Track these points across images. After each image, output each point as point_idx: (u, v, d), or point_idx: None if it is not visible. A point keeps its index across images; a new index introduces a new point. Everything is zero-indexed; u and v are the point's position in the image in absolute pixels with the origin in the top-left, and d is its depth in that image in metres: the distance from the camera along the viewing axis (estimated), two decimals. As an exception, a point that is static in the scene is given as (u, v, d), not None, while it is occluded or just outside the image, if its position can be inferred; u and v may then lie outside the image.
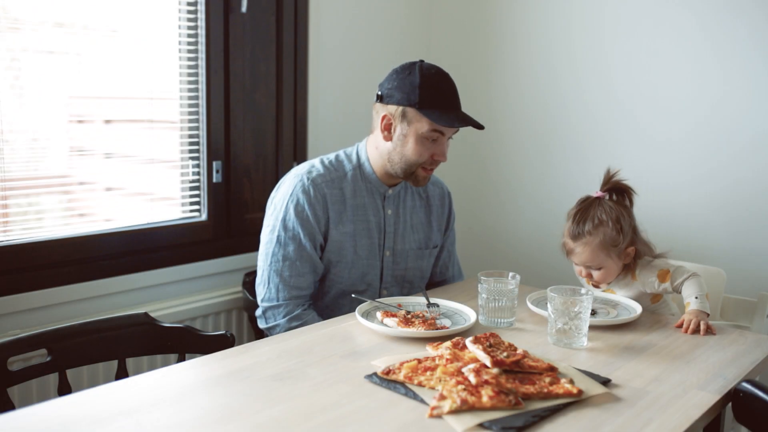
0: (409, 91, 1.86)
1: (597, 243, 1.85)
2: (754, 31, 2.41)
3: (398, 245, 2.06)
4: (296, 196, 1.94)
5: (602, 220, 1.85)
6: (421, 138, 1.88)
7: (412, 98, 1.86)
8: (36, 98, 2.06)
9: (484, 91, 3.05)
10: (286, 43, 2.59)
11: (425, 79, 1.86)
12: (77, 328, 1.61)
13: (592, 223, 1.86)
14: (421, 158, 1.91)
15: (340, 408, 1.24)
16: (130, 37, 2.23)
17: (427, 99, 1.86)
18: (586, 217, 1.87)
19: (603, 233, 1.84)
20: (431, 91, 1.86)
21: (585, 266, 1.90)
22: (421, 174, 1.95)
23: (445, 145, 1.93)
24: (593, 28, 2.76)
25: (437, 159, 1.93)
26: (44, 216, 2.12)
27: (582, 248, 1.87)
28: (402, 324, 1.64)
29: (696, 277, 1.84)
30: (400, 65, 1.93)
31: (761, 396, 1.35)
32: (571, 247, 1.90)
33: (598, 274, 1.89)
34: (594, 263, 1.87)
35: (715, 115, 2.52)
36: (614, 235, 1.84)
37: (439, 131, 1.88)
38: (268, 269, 1.94)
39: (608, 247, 1.85)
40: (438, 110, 1.87)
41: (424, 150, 1.90)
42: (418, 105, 1.86)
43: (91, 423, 1.16)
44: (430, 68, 1.90)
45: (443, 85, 1.89)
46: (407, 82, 1.87)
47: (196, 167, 2.44)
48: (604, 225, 1.85)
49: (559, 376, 1.36)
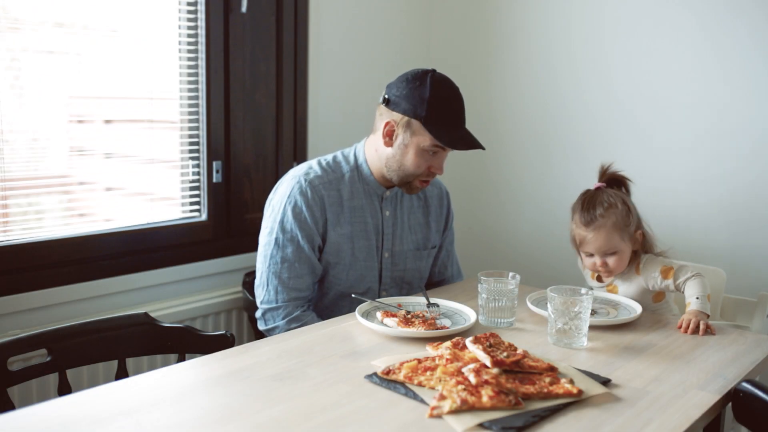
0: (417, 104, 1.85)
1: (611, 225, 1.86)
2: (755, 31, 2.41)
3: (396, 246, 2.06)
4: (294, 198, 1.94)
5: (611, 202, 1.89)
6: (422, 151, 1.88)
7: (419, 111, 1.85)
8: (36, 98, 2.06)
9: (484, 91, 3.05)
10: (286, 43, 2.59)
11: (435, 93, 1.84)
12: (77, 328, 1.61)
13: (602, 207, 1.88)
14: (419, 170, 1.91)
15: (340, 408, 1.24)
16: (130, 37, 2.23)
17: (434, 115, 1.85)
18: (595, 203, 1.90)
19: (614, 214, 1.87)
20: (439, 108, 1.85)
21: (600, 253, 1.90)
22: (416, 185, 1.96)
23: (443, 159, 1.93)
24: (593, 29, 2.76)
25: (434, 171, 1.93)
26: (44, 216, 2.12)
27: (596, 233, 1.88)
28: (402, 324, 1.64)
29: (699, 277, 1.84)
30: (412, 71, 1.90)
31: (761, 396, 1.35)
32: (584, 236, 1.90)
33: (613, 260, 1.90)
34: (609, 247, 1.88)
35: (715, 115, 2.52)
36: (625, 215, 1.87)
37: (439, 147, 1.88)
38: (266, 271, 1.94)
39: (621, 227, 1.87)
40: (443, 128, 1.86)
41: (422, 162, 1.90)
42: (423, 120, 1.85)
43: (91, 423, 1.16)
44: (441, 81, 1.87)
45: (452, 102, 1.88)
46: (416, 94, 1.85)
47: (196, 167, 2.44)
48: (614, 206, 1.88)
49: (559, 376, 1.36)
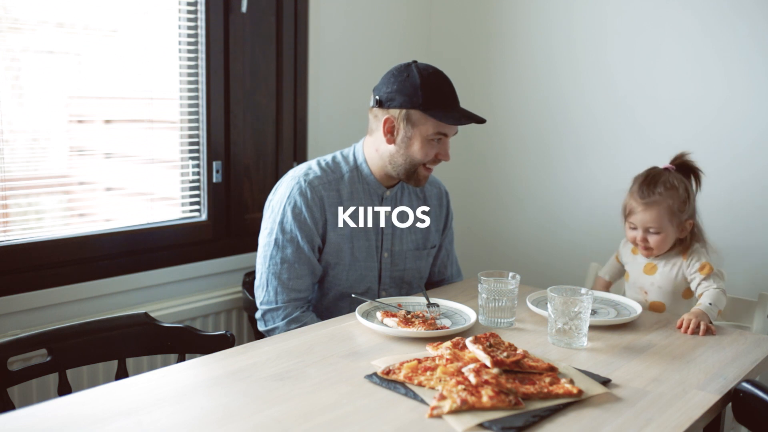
0: (411, 93, 1.86)
1: (665, 206, 1.88)
2: (755, 31, 2.41)
3: (396, 246, 2.06)
4: (293, 199, 1.94)
5: (674, 185, 1.90)
6: (427, 140, 1.89)
7: (415, 100, 1.86)
8: (36, 98, 2.06)
9: (485, 90, 3.05)
10: (286, 43, 2.59)
11: (425, 80, 1.87)
12: (77, 328, 1.61)
13: (664, 186, 1.90)
14: (427, 158, 1.92)
15: (340, 408, 1.24)
16: (130, 37, 2.23)
17: (431, 100, 1.86)
18: (658, 180, 1.92)
19: (672, 197, 1.89)
20: (433, 91, 1.86)
21: (645, 228, 1.91)
22: (423, 173, 1.96)
23: (448, 144, 1.94)
24: (594, 28, 2.76)
25: (441, 158, 1.94)
26: (44, 216, 2.12)
27: (647, 209, 1.89)
28: (402, 324, 1.64)
29: (722, 292, 1.85)
30: (394, 68, 1.93)
31: (761, 396, 1.35)
32: (635, 207, 1.92)
33: (655, 239, 1.91)
34: (655, 226, 1.90)
35: (715, 115, 2.52)
36: (681, 202, 1.89)
37: (443, 133, 1.89)
38: (266, 272, 1.94)
39: (673, 212, 1.89)
40: (442, 110, 1.87)
41: (429, 151, 1.91)
42: (422, 107, 1.86)
43: (91, 423, 1.16)
44: (426, 68, 1.90)
45: (443, 84, 1.90)
46: (407, 84, 1.87)
47: (196, 167, 2.44)
48: (675, 190, 1.89)
49: (559, 376, 1.36)
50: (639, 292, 2.00)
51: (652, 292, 1.97)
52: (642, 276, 1.99)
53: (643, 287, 1.98)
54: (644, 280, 1.98)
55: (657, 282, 1.96)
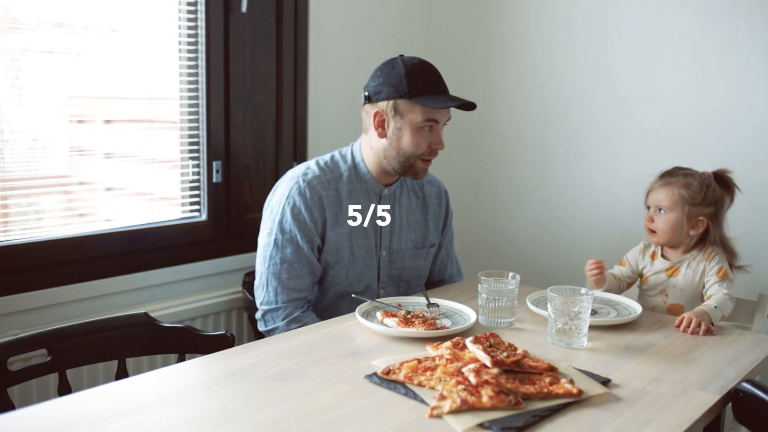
0: (397, 83, 1.87)
1: (678, 190, 1.94)
2: (755, 31, 2.41)
3: (394, 245, 2.06)
4: (293, 199, 1.93)
5: (695, 176, 1.96)
6: (417, 128, 1.89)
7: (400, 89, 1.86)
8: (36, 98, 2.06)
9: (485, 89, 3.05)
10: (286, 43, 2.59)
11: (409, 69, 1.88)
12: (77, 328, 1.61)
13: (683, 174, 1.98)
14: (419, 149, 1.91)
15: (340, 408, 1.24)
16: (130, 37, 2.23)
17: (416, 87, 1.86)
18: (681, 170, 2.00)
19: (687, 184, 1.94)
20: (418, 79, 1.87)
21: (655, 206, 1.97)
22: (420, 166, 1.95)
23: (440, 132, 1.93)
24: (594, 28, 2.76)
25: (435, 148, 1.93)
26: (44, 216, 2.12)
27: (661, 186, 1.97)
28: (402, 324, 1.64)
29: (730, 299, 1.86)
30: (381, 63, 1.94)
31: (761, 396, 1.35)
32: (653, 187, 2.00)
33: (661, 220, 1.96)
34: (665, 203, 1.95)
35: (715, 114, 2.51)
36: (696, 194, 1.93)
37: (433, 119, 1.89)
38: (266, 272, 1.94)
39: (685, 199, 1.94)
40: (428, 96, 1.87)
41: (421, 140, 1.90)
42: (408, 95, 1.86)
43: (91, 423, 1.16)
44: (411, 59, 1.91)
45: (428, 71, 1.90)
46: (392, 75, 1.88)
47: (196, 167, 2.44)
48: (694, 179, 1.95)
49: (559, 376, 1.36)
50: (658, 295, 2.00)
51: (673, 294, 1.97)
52: (663, 278, 1.99)
53: (665, 290, 1.98)
54: (666, 282, 1.98)
55: (680, 284, 1.96)
